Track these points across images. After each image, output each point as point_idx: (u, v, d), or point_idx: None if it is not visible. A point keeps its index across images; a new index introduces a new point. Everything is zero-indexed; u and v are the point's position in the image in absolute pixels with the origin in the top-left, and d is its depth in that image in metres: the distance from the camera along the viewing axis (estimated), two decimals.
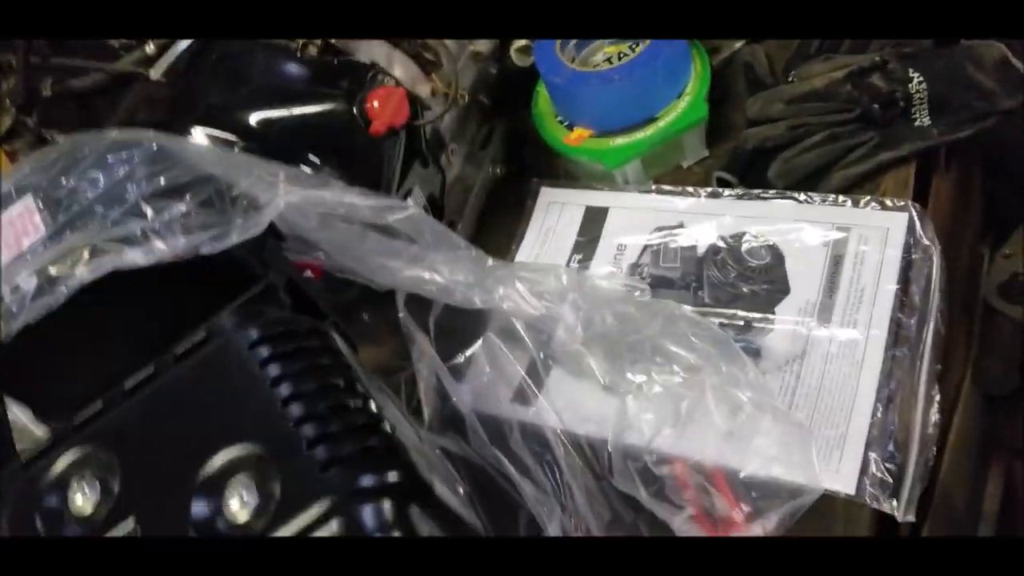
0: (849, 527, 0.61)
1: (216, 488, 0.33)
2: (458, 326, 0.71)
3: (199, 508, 0.33)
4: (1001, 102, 0.69)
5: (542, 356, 0.71)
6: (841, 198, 0.70)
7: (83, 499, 0.35)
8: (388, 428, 0.36)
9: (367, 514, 0.32)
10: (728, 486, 0.63)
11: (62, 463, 0.36)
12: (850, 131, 0.71)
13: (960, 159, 0.80)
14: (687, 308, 0.68)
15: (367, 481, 0.33)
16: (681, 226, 0.74)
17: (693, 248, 0.73)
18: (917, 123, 0.71)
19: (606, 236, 0.77)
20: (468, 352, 0.73)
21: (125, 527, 0.34)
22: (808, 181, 0.71)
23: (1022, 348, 0.92)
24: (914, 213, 0.68)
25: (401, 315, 0.66)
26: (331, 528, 0.32)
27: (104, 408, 0.39)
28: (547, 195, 0.81)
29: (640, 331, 0.67)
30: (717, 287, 0.71)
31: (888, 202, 0.69)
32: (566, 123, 0.78)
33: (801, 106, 0.71)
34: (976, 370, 0.88)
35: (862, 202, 0.69)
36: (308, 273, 0.57)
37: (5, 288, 0.43)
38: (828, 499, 0.61)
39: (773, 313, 0.68)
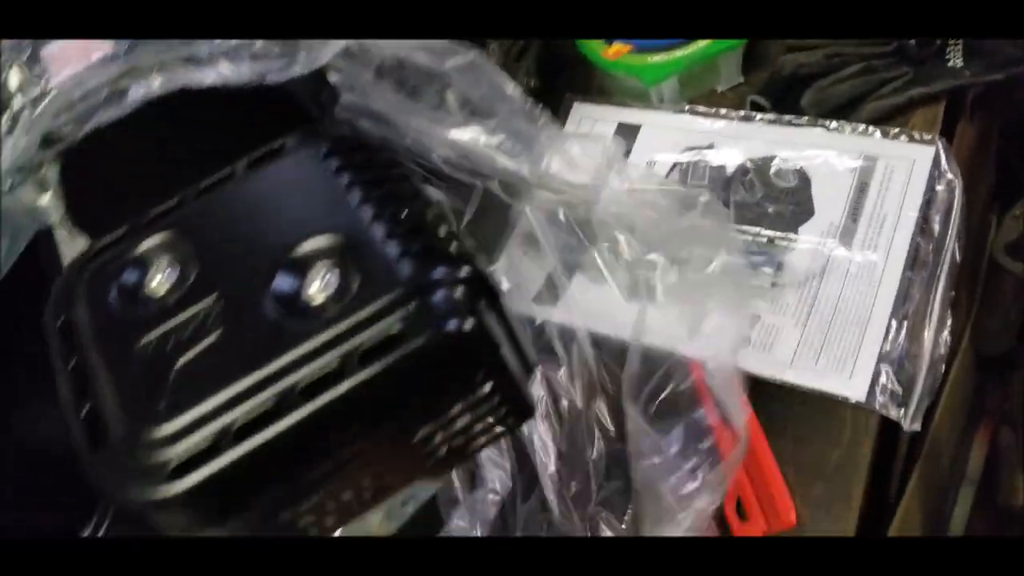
0: (856, 434, 0.64)
1: (299, 268, 0.34)
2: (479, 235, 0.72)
3: (281, 282, 0.34)
4: None
5: (563, 261, 0.72)
6: (871, 128, 0.72)
7: (161, 279, 0.36)
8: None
9: (439, 298, 0.33)
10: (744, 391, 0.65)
11: (143, 246, 0.37)
12: (885, 64, 0.72)
13: (982, 114, 0.83)
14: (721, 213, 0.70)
15: (439, 274, 0.34)
16: (711, 147, 0.76)
17: (722, 168, 0.75)
18: (950, 63, 0.72)
19: (636, 152, 0.78)
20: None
21: (205, 304, 0.35)
22: (840, 111, 0.73)
23: (1021, 308, 0.95)
24: (941, 147, 0.70)
25: None
26: (407, 310, 0.33)
27: (180, 203, 0.39)
28: (580, 111, 0.82)
29: (671, 227, 0.69)
30: (743, 206, 0.73)
31: (916, 135, 0.71)
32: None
33: None
34: (975, 331, 0.91)
35: (891, 133, 0.71)
36: None
37: (76, 93, 0.44)
38: (838, 406, 0.64)
39: (796, 232, 0.70)
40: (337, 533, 0.47)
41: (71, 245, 0.47)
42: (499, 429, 0.38)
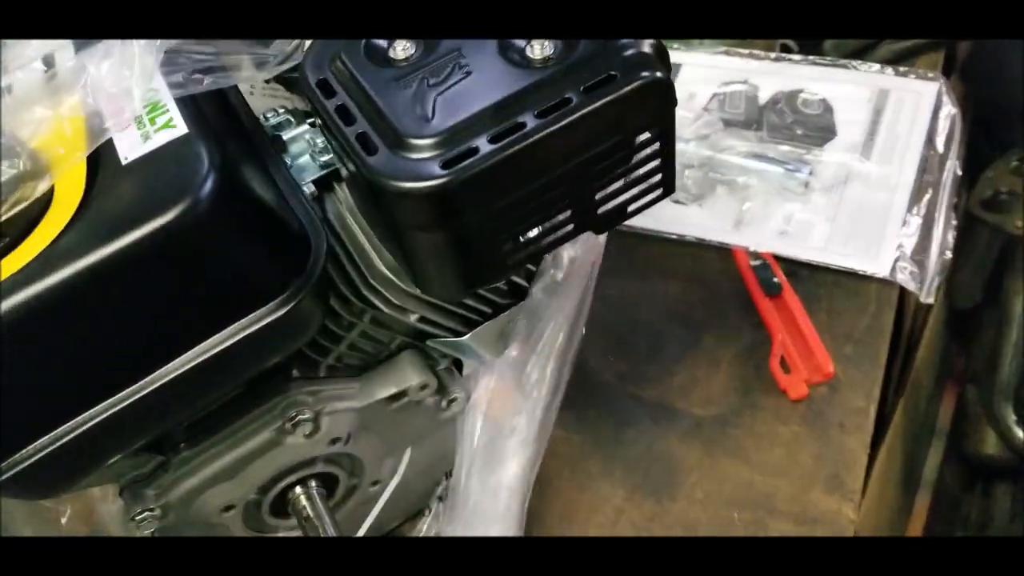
0: (880, 306, 0.75)
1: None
2: None
3: (513, 41, 0.43)
4: None
5: None
6: (884, 67, 0.85)
7: (406, 44, 0.44)
8: None
9: (635, 55, 0.42)
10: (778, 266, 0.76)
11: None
12: None
13: (964, 83, 0.96)
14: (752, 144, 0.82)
15: (630, 39, 0.43)
16: (746, 82, 0.88)
17: (755, 98, 0.87)
18: None
19: (678, 86, 0.89)
20: None
21: (449, 57, 0.43)
22: (857, 53, 0.86)
23: (992, 258, 1.08)
24: (943, 83, 0.83)
25: None
26: (618, 59, 0.42)
27: None
28: None
29: (714, 150, 0.81)
30: (775, 129, 0.84)
31: (922, 73, 0.84)
32: None
33: None
34: (949, 285, 1.03)
35: (901, 71, 0.84)
36: None
37: None
38: (865, 283, 0.75)
39: (822, 149, 0.82)
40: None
41: None
42: (652, 196, 0.48)
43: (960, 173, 0.80)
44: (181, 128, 0.41)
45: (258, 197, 0.45)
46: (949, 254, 0.76)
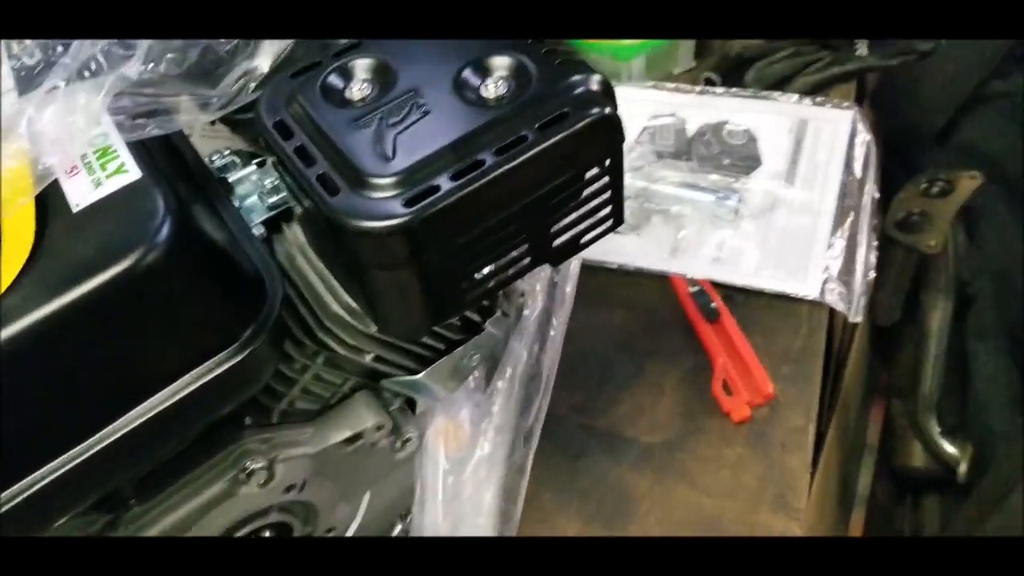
0: (811, 327, 0.77)
1: (481, 71, 0.44)
2: None
3: (468, 79, 0.44)
4: (919, 44, 0.90)
5: None
6: (802, 98, 0.89)
7: (362, 83, 0.45)
8: None
9: (586, 92, 0.43)
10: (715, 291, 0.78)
11: (340, 61, 0.45)
12: (810, 50, 0.90)
13: (875, 110, 1.02)
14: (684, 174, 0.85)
15: (580, 77, 0.44)
16: (674, 115, 0.91)
17: (684, 130, 0.89)
18: (858, 52, 0.91)
19: None
20: None
21: (406, 96, 0.43)
22: (777, 85, 0.90)
23: (909, 277, 1.13)
24: (857, 112, 0.87)
25: None
26: (569, 98, 0.43)
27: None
28: None
29: (648, 181, 0.83)
30: (704, 159, 0.87)
31: (837, 103, 0.88)
32: None
33: None
34: (871, 303, 1.08)
35: (817, 102, 0.89)
36: None
37: None
38: (797, 305, 0.78)
39: (749, 177, 0.85)
40: None
41: None
42: (603, 227, 0.49)
43: (878, 196, 0.85)
44: (133, 173, 0.40)
45: (213, 242, 0.44)
46: (873, 274, 0.80)
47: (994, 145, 1.10)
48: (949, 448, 1.19)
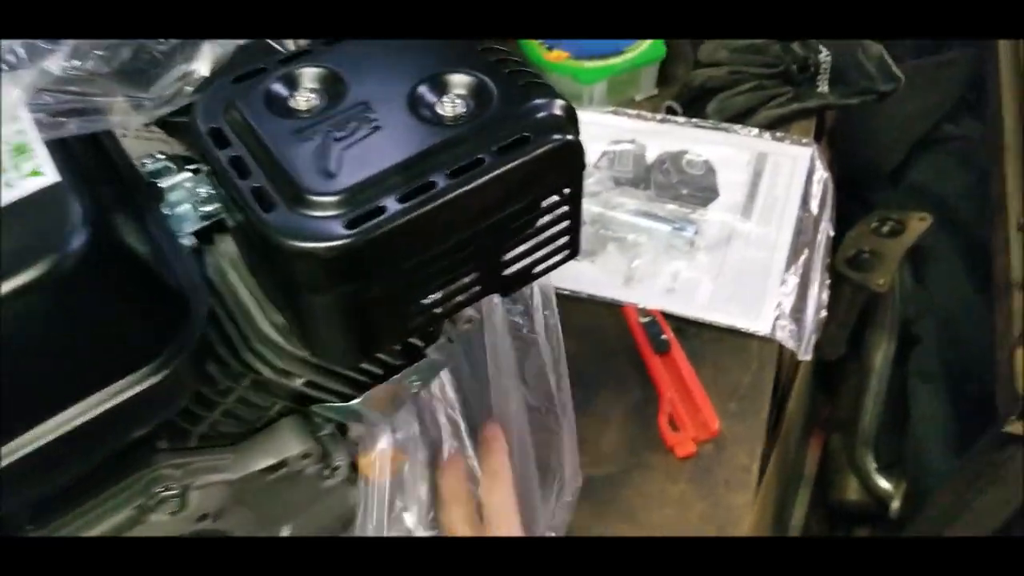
0: (761, 363, 0.76)
1: (439, 88, 0.42)
2: None
3: (423, 95, 0.41)
4: (879, 84, 0.90)
5: None
6: (762, 132, 0.88)
7: (309, 93, 0.42)
8: None
9: (549, 117, 0.41)
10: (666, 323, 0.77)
11: (286, 68, 0.42)
12: (773, 84, 0.90)
13: (832, 147, 1.02)
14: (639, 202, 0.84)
15: (543, 101, 0.42)
16: (633, 141, 0.89)
17: (643, 156, 0.88)
18: (819, 89, 0.91)
19: None
20: None
21: (356, 110, 0.40)
22: (738, 117, 0.89)
23: (856, 313, 1.13)
24: (816, 149, 0.87)
25: None
26: (529, 121, 0.41)
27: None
28: None
29: (605, 207, 0.81)
30: (662, 187, 0.86)
31: (797, 139, 0.88)
32: (546, 44, 0.92)
33: (742, 55, 0.89)
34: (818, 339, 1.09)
35: (777, 136, 0.88)
36: None
37: None
38: (747, 341, 0.77)
39: (706, 208, 0.84)
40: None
41: None
42: (558, 257, 0.47)
43: (832, 234, 0.84)
44: (50, 176, 0.37)
45: (133, 254, 0.41)
46: (824, 312, 0.79)
47: (945, 187, 1.12)
48: (884, 484, 1.21)
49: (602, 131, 0.90)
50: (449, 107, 0.41)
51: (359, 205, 0.38)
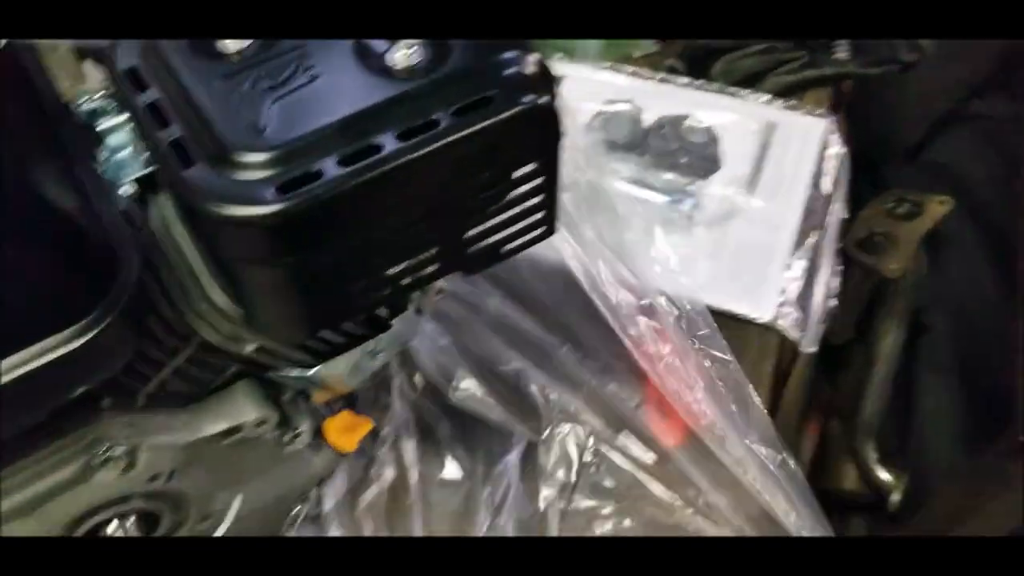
0: (760, 353, 0.71)
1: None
2: None
3: (370, 44, 0.35)
4: (903, 54, 0.83)
5: None
6: (774, 99, 0.81)
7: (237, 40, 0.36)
8: None
9: (517, 74, 0.35)
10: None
11: None
12: (785, 47, 0.83)
13: (850, 121, 0.95)
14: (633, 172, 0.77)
15: (514, 54, 0.36)
16: (630, 102, 0.83)
17: (639, 120, 0.81)
18: (836, 55, 0.84)
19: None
20: None
21: (291, 55, 0.35)
22: (745, 82, 0.83)
23: (865, 297, 1.07)
24: (832, 122, 0.80)
25: None
26: (496, 78, 0.35)
27: None
28: None
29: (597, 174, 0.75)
30: (659, 154, 0.80)
31: (811, 109, 0.81)
32: None
33: None
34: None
35: (789, 105, 0.81)
36: None
37: None
38: (746, 328, 0.71)
39: (706, 180, 0.78)
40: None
41: None
42: (530, 236, 0.41)
43: (845, 216, 0.78)
44: None
45: (53, 206, 0.36)
46: (833, 301, 0.74)
47: (967, 168, 1.05)
48: (884, 475, 1.16)
49: (596, 88, 0.83)
50: (401, 57, 0.35)
51: (292, 167, 0.32)
